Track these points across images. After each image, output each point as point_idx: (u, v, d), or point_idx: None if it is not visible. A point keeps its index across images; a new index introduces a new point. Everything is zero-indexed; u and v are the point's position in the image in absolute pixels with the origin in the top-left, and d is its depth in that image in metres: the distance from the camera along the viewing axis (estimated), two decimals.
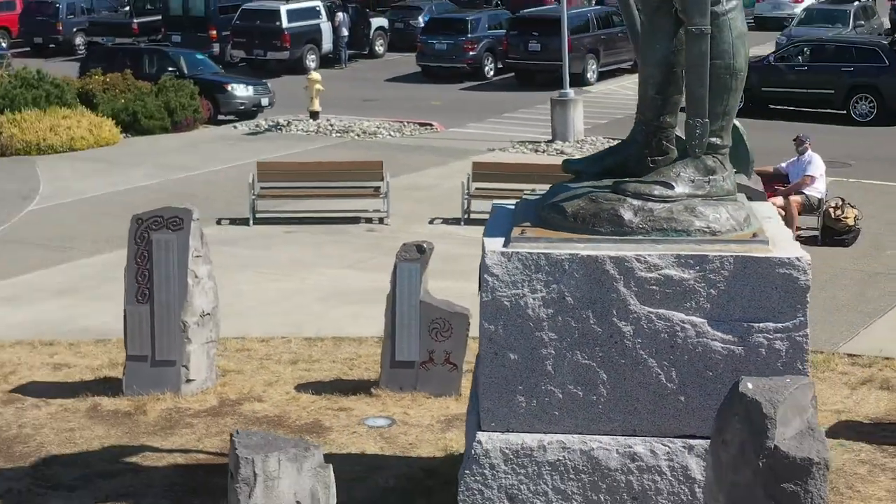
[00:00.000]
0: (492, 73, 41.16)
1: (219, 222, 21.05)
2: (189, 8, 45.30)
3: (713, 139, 9.49)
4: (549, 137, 29.36)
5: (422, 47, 41.58)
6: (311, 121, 31.54)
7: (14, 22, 49.93)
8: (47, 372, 13.82)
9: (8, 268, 18.31)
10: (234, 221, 21.13)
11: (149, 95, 30.50)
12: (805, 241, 19.29)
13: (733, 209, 9.40)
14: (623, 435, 9.27)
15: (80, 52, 46.48)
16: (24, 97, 28.94)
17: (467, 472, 9.30)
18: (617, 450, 9.26)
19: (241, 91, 32.69)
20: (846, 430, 12.03)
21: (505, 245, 9.21)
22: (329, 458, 11.37)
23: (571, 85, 38.31)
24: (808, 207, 19.52)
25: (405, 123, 31.99)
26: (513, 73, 40.21)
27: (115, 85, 30.99)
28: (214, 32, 44.34)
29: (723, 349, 9.08)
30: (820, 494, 7.38)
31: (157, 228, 12.82)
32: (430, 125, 32.01)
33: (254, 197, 21.06)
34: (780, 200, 19.25)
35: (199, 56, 35.31)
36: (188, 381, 12.93)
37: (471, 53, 40.77)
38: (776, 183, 19.86)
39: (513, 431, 9.29)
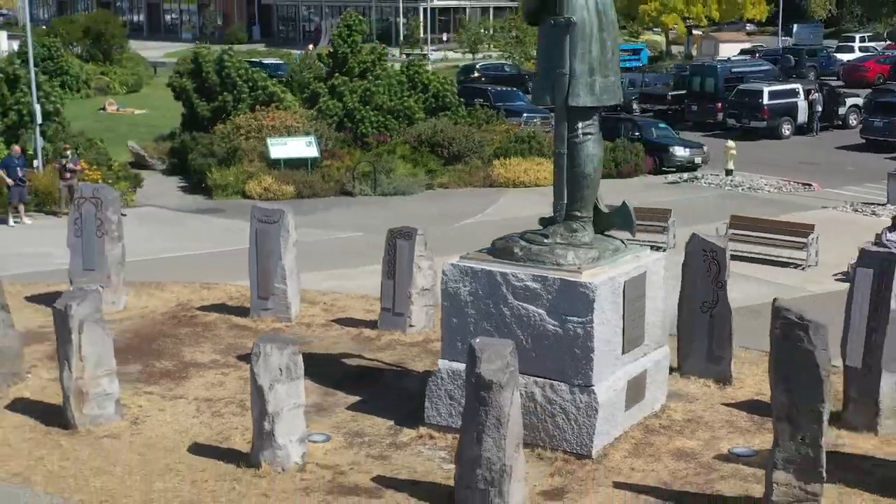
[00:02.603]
0: None
1: None
2: (703, 85, 49.48)
3: (575, 212, 13.36)
4: (885, 201, 30.65)
5: (864, 123, 42.95)
6: (723, 176, 34.78)
7: None
8: (361, 313, 19.31)
9: None
10: None
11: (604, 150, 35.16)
12: None
13: (583, 252, 13.18)
14: None
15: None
16: (515, 149, 34.25)
17: (431, 380, 13.91)
18: None
19: (680, 152, 36.56)
20: (747, 404, 14.48)
21: (456, 261, 13.76)
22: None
23: None
24: None
25: (790, 182, 33.85)
26: None
27: None
28: (720, 105, 48.15)
29: (552, 329, 13.01)
30: (496, 399, 11.41)
31: (400, 237, 18.05)
32: (810, 185, 33.60)
33: None
34: None
35: (662, 125, 39.37)
36: (410, 326, 17.97)
37: None
38: None
39: (455, 361, 13.69)
